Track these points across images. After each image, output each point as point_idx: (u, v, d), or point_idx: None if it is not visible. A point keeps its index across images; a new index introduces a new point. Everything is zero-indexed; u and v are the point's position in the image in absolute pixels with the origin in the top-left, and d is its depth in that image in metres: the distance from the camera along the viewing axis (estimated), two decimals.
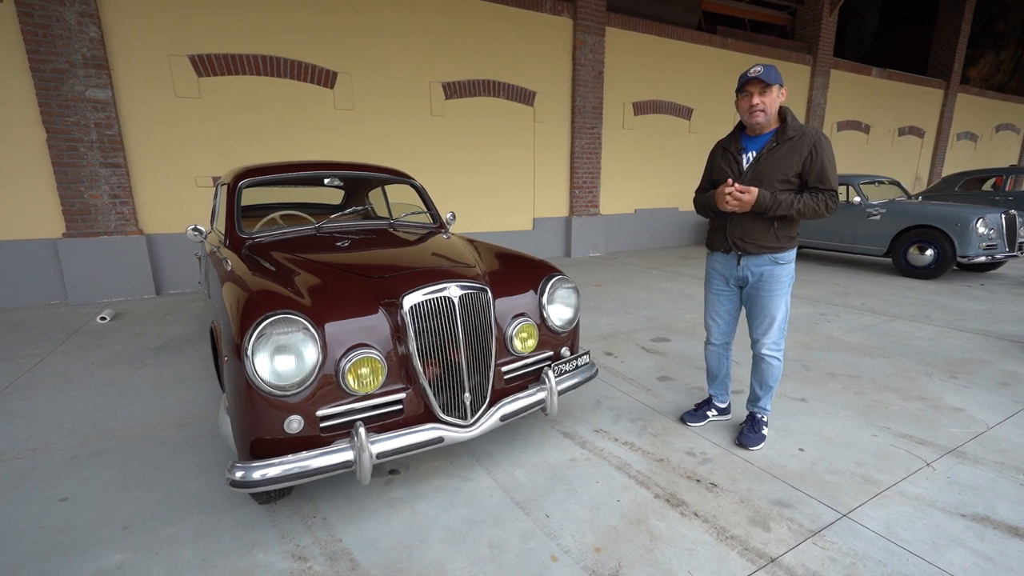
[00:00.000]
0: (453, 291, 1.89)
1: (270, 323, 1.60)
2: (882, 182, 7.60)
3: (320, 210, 3.87)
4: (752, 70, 2.12)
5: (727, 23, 10.74)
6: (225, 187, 2.87)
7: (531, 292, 2.25)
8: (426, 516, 1.93)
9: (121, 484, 2.12)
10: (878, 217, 6.89)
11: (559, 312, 2.30)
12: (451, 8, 6.88)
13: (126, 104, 5.34)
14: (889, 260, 7.24)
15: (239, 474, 1.55)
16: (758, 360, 2.41)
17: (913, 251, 6.54)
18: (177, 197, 5.70)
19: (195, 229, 2.71)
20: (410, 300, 1.82)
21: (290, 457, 1.60)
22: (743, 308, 2.48)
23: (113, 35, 5.19)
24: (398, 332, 1.83)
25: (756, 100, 2.14)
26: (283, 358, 1.61)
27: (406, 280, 1.90)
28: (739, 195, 2.15)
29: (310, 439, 1.69)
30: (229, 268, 2.22)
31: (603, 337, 4.10)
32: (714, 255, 2.46)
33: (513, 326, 2.12)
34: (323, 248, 2.39)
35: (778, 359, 2.37)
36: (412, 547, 1.76)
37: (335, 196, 4.61)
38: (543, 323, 2.25)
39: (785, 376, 3.25)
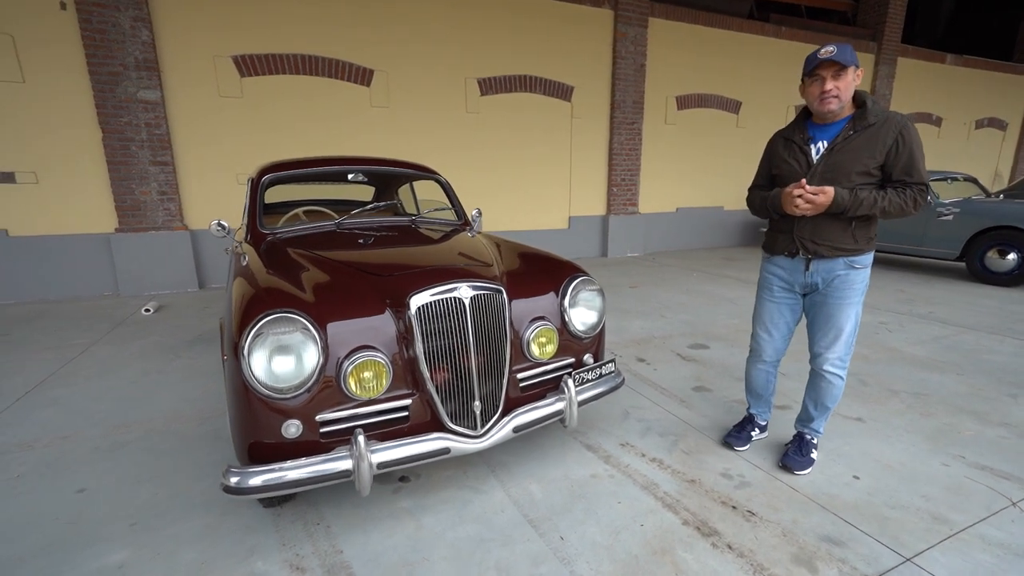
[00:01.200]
0: (464, 292, 1.76)
1: (268, 322, 1.52)
2: (956, 179, 6.92)
3: (350, 207, 3.84)
4: (824, 50, 1.84)
5: (781, 10, 10.11)
6: (250, 182, 2.87)
7: (552, 294, 2.09)
8: (432, 531, 1.81)
9: (136, 478, 2.12)
10: (950, 217, 6.28)
11: (582, 316, 2.13)
12: (488, 3, 6.77)
13: (173, 104, 5.55)
14: (963, 265, 6.60)
15: (234, 480, 1.48)
16: (817, 377, 2.13)
17: (992, 255, 5.90)
18: (219, 193, 5.88)
19: (219, 224, 2.71)
20: (417, 301, 1.70)
21: (287, 464, 1.52)
22: (803, 319, 2.21)
23: (163, 38, 5.40)
24: (405, 334, 1.72)
25: (830, 85, 1.85)
26: (281, 359, 1.53)
27: (415, 279, 1.78)
28: (812, 197, 1.87)
29: (310, 445, 1.61)
30: (245, 263, 2.19)
31: (636, 342, 3.87)
32: (775, 259, 2.15)
33: (531, 330, 1.97)
34: (339, 245, 2.32)
35: (841, 377, 2.09)
36: (414, 564, 1.64)
37: (367, 193, 4.59)
38: (564, 327, 2.09)
39: None
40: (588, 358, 2.17)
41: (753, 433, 2.40)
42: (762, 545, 1.72)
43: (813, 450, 2.21)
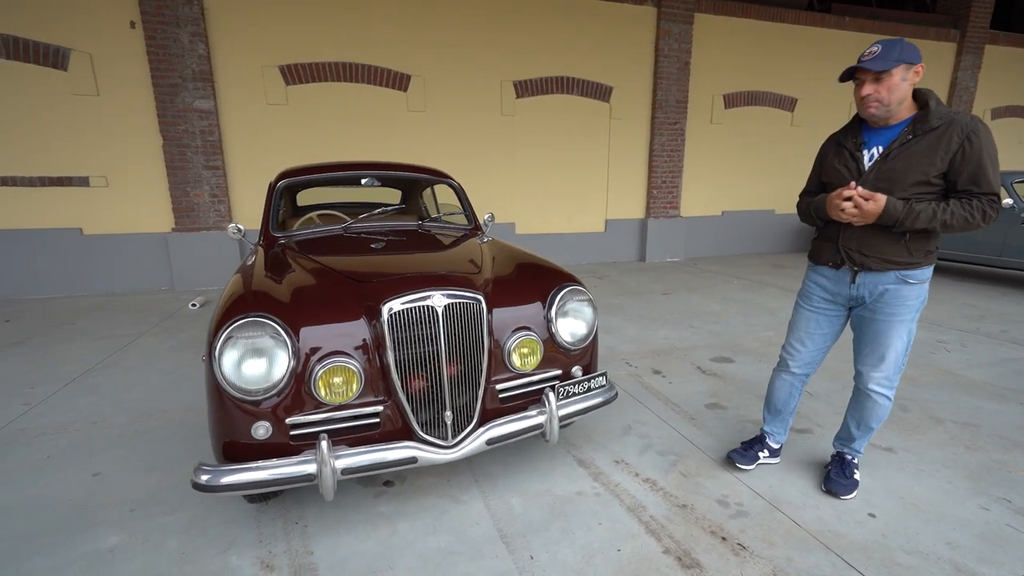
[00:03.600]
0: (438, 300, 1.74)
1: (239, 326, 1.57)
2: None
3: (370, 210, 3.94)
4: (867, 51, 1.70)
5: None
6: (268, 186, 3.00)
7: (538, 303, 2.03)
8: (404, 538, 1.81)
9: (147, 465, 2.26)
10: None
11: (570, 327, 2.05)
12: (525, 5, 6.74)
13: (225, 112, 5.92)
14: None
15: (204, 478, 1.54)
16: (862, 396, 1.98)
17: None
18: (265, 196, 6.20)
19: (236, 227, 2.85)
20: (389, 308, 1.70)
21: (252, 465, 1.56)
22: (847, 332, 2.06)
23: (217, 51, 5.78)
24: (378, 341, 1.73)
25: (868, 89, 1.70)
26: (251, 362, 1.58)
27: (392, 286, 1.79)
28: (861, 202, 1.70)
29: (280, 447, 1.65)
30: (250, 263, 2.29)
31: (656, 352, 3.71)
32: (819, 269, 2.01)
33: (513, 340, 1.92)
34: (337, 250, 2.37)
35: (888, 398, 1.94)
36: (378, 572, 1.64)
37: (394, 196, 4.70)
38: (551, 338, 2.02)
39: None
40: (576, 371, 2.09)
41: (761, 454, 2.23)
42: None
43: (856, 471, 2.06)
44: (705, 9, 7.56)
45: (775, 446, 2.25)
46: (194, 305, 5.07)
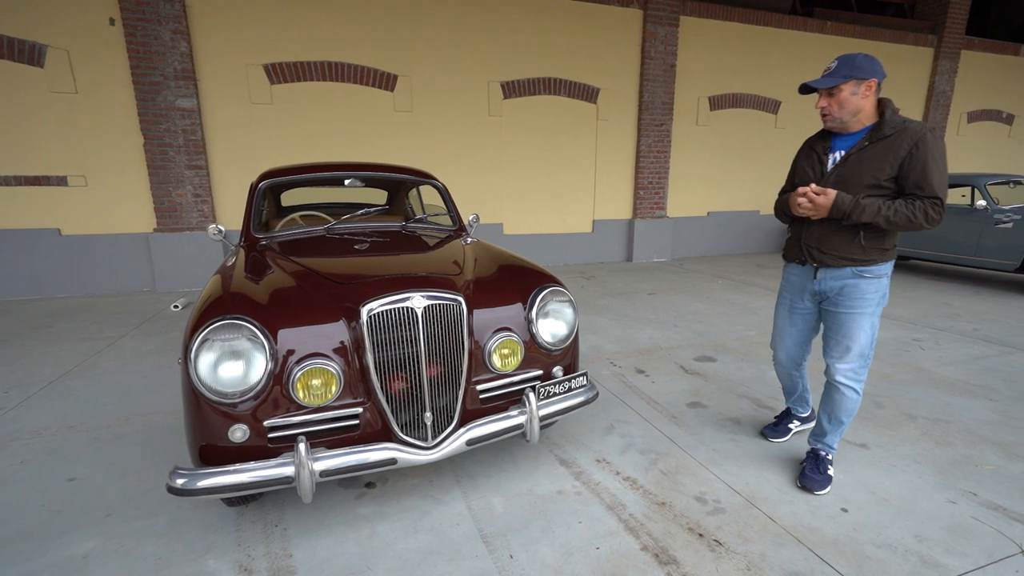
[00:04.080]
0: (417, 301, 1.74)
1: (215, 328, 1.56)
2: (1019, 182, 6.31)
3: (354, 211, 3.92)
4: (825, 68, 1.88)
5: (828, 4, 9.56)
6: (249, 187, 2.97)
7: (519, 304, 2.05)
8: (384, 539, 1.81)
9: (123, 469, 2.24)
10: (1010, 225, 5.73)
11: (551, 327, 2.07)
12: (512, 6, 6.76)
13: (208, 111, 5.85)
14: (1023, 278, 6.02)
15: (179, 482, 1.52)
16: (831, 388, 2.08)
17: None
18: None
19: (217, 228, 2.83)
20: (368, 309, 1.71)
21: (230, 468, 1.55)
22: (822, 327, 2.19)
23: (200, 49, 5.71)
24: (358, 343, 1.73)
25: (820, 104, 1.92)
26: (227, 364, 1.57)
27: (371, 287, 1.79)
28: (813, 196, 1.87)
29: (258, 450, 1.64)
30: (230, 264, 2.27)
31: (640, 352, 3.75)
32: (789, 266, 2.20)
33: (493, 341, 1.93)
34: (317, 251, 2.36)
35: (856, 391, 2.03)
36: (357, 574, 1.64)
37: (380, 197, 4.69)
38: (532, 339, 2.04)
39: None
40: (558, 371, 2.11)
41: (792, 425, 2.46)
42: None
43: (830, 467, 2.13)
44: (690, 12, 7.64)
45: (804, 415, 2.47)
46: (176, 307, 5.00)
